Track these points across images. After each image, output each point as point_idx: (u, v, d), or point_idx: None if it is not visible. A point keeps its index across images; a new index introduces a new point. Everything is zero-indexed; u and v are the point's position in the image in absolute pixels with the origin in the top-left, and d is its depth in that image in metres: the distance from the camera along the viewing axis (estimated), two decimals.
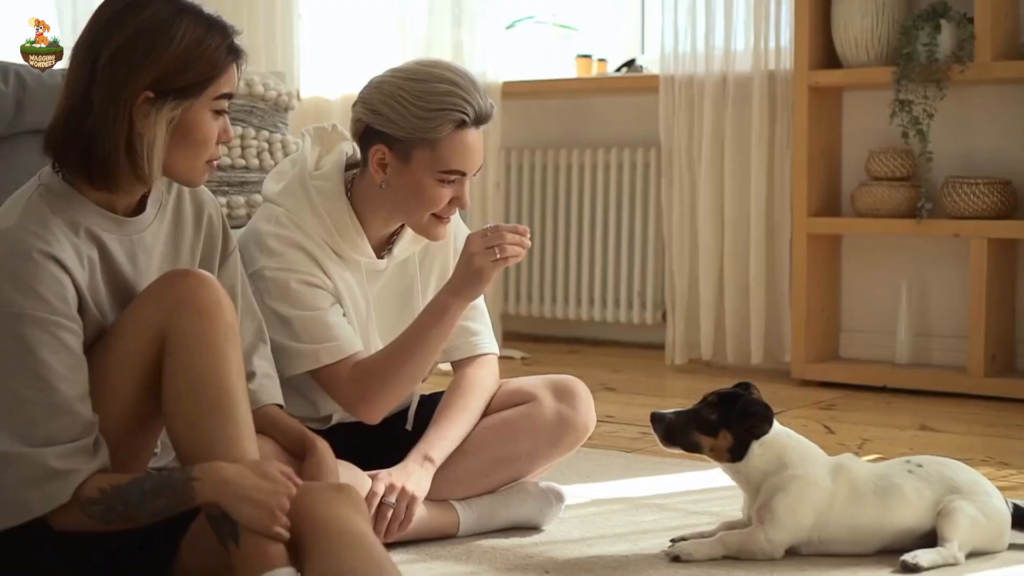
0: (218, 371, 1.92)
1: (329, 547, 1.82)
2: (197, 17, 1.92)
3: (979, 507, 2.30)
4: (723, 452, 2.31)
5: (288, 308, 2.30)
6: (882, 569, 2.23)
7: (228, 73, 1.94)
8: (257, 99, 3.54)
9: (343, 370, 2.31)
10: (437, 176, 2.30)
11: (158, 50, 1.87)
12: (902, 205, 4.21)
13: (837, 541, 2.30)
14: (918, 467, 2.34)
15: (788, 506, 2.27)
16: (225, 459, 1.87)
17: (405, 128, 2.28)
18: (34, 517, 1.84)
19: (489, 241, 2.23)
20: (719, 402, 2.32)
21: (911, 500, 2.30)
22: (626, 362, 4.84)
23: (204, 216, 2.13)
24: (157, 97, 1.88)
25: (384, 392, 2.32)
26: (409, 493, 2.29)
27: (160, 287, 1.96)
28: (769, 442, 2.30)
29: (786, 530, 2.27)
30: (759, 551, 2.27)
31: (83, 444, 1.85)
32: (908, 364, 4.32)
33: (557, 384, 2.49)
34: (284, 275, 2.30)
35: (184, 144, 1.93)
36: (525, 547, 2.36)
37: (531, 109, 5.34)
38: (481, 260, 2.23)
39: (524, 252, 2.25)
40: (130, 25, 1.87)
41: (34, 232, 1.88)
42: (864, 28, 4.22)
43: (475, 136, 2.31)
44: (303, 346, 2.29)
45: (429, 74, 2.30)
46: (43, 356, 1.84)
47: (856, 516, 2.29)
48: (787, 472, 2.28)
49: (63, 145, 1.91)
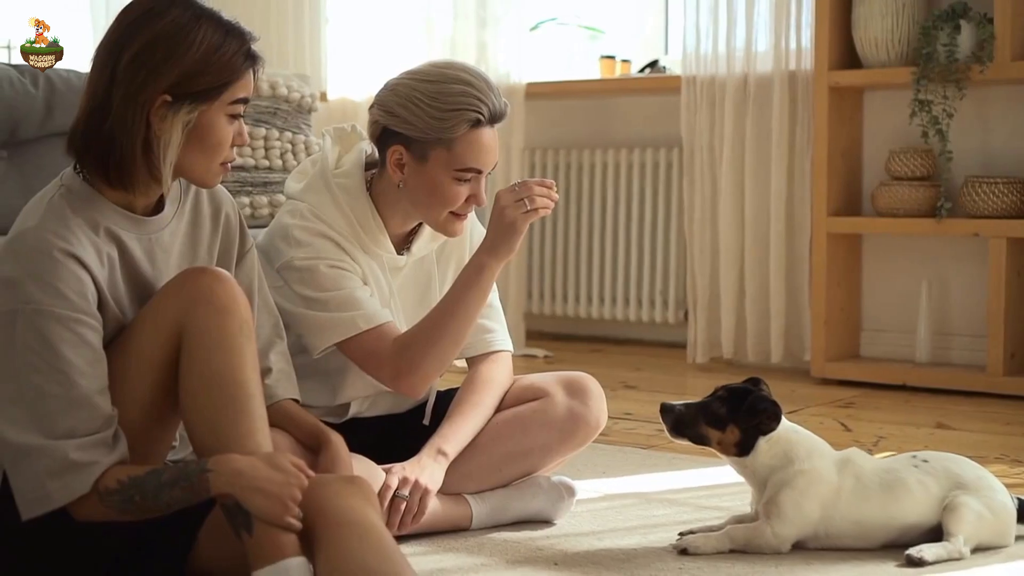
0: (233, 366, 1.97)
1: (340, 538, 1.87)
2: (216, 23, 1.96)
3: (985, 502, 2.32)
4: (730, 446, 2.34)
5: (319, 291, 2.34)
6: (886, 563, 2.26)
7: (244, 79, 1.99)
8: (281, 101, 3.60)
9: (383, 340, 2.34)
10: (454, 175, 2.35)
11: (176, 55, 1.92)
12: (922, 205, 4.23)
13: (843, 535, 2.33)
14: (924, 462, 2.37)
15: (794, 501, 2.30)
16: (239, 452, 1.92)
17: (421, 129, 2.33)
18: (55, 508, 1.89)
19: (519, 194, 2.27)
20: (728, 397, 2.35)
21: (916, 495, 2.33)
22: (648, 360, 4.87)
23: (221, 215, 2.18)
24: (174, 101, 1.93)
25: (426, 362, 2.34)
26: (422, 486, 2.33)
27: (177, 284, 2.01)
28: (776, 438, 2.33)
29: (792, 525, 2.30)
30: (765, 545, 2.31)
31: (102, 437, 1.91)
32: (928, 363, 4.34)
33: (569, 380, 2.53)
34: (314, 262, 2.35)
35: (199, 147, 1.98)
36: (536, 540, 2.41)
37: (554, 110, 5.38)
38: (513, 213, 2.27)
39: (552, 204, 2.29)
40: (150, 30, 1.92)
41: (55, 232, 1.93)
42: (884, 28, 4.24)
43: (490, 135, 2.36)
44: (340, 315, 2.33)
45: (443, 75, 2.34)
46: (64, 351, 1.90)
47: (862, 510, 2.32)
48: (793, 467, 2.32)
49: (83, 146, 1.97)
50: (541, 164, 5.34)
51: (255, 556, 1.87)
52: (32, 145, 3.33)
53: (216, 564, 2.02)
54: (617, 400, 3.97)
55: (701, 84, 4.72)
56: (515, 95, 5.13)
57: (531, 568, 2.24)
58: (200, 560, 2.04)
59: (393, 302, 2.47)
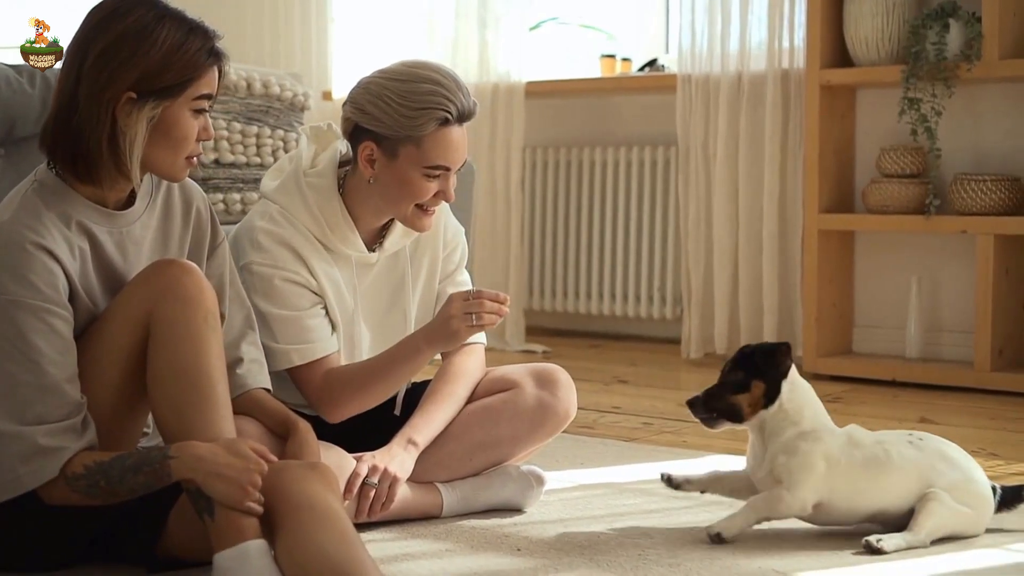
0: (198, 355, 2.04)
1: (299, 521, 1.93)
2: (179, 22, 2.03)
3: (965, 496, 2.37)
4: (759, 400, 2.39)
5: (269, 305, 2.41)
6: (844, 552, 2.31)
7: (208, 75, 2.06)
8: (273, 99, 3.67)
9: (315, 373, 2.44)
10: (423, 172, 2.41)
11: (139, 53, 1.99)
12: (912, 202, 4.27)
13: (837, 506, 2.37)
14: (919, 440, 2.43)
15: (803, 462, 2.35)
16: (202, 438, 1.99)
17: (391, 126, 2.39)
18: (25, 491, 1.97)
19: (469, 307, 2.35)
20: (738, 362, 2.42)
21: (908, 472, 2.37)
22: (644, 356, 4.92)
23: (192, 210, 2.25)
24: (139, 97, 2.00)
25: (350, 403, 2.45)
26: (391, 474, 2.40)
27: (146, 276, 2.08)
28: (793, 383, 2.40)
29: (807, 484, 2.34)
30: (787, 510, 2.36)
31: (71, 423, 1.98)
32: (918, 359, 4.38)
33: (539, 372, 2.59)
34: (270, 271, 2.42)
35: (165, 142, 2.05)
36: (503, 527, 2.46)
37: (553, 108, 5.44)
38: (458, 324, 2.35)
39: (500, 319, 2.36)
40: (114, 29, 2.00)
41: (28, 225, 2.01)
42: (875, 27, 4.27)
43: (459, 133, 2.42)
44: (277, 346, 2.41)
45: (413, 74, 2.41)
46: (35, 341, 1.97)
47: (856, 478, 2.37)
48: (799, 428, 2.37)
49: (53, 142, 2.05)
50: (542, 162, 5.39)
51: (217, 539, 1.94)
52: (28, 143, 3.39)
53: (185, 547, 2.09)
54: (607, 394, 4.02)
55: (696, 83, 4.77)
56: (515, 94, 5.19)
57: (495, 553, 2.30)
58: (170, 543, 2.11)
59: (357, 310, 2.52)
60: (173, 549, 2.11)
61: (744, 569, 2.21)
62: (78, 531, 2.10)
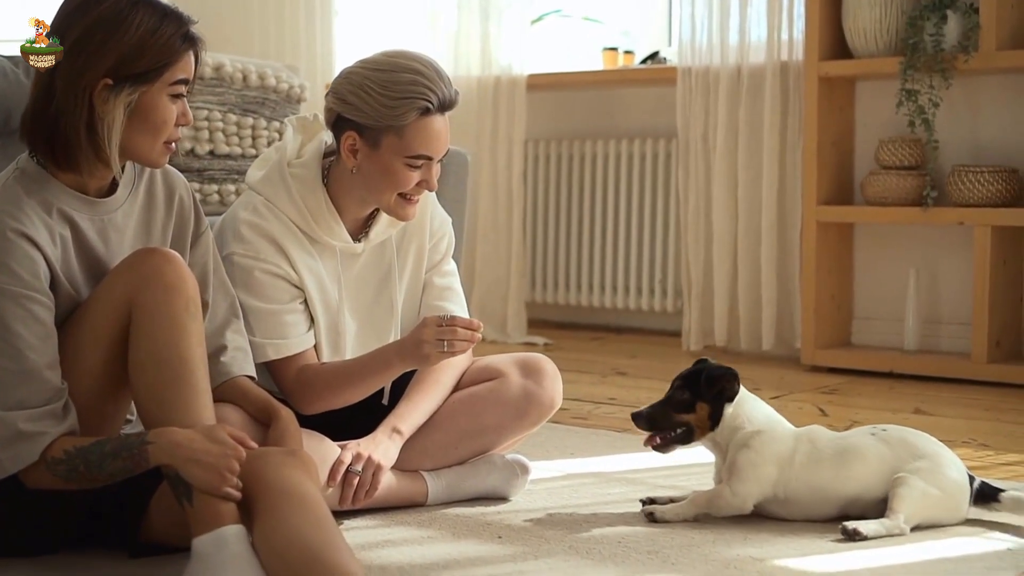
0: (178, 342, 2.06)
1: (276, 507, 1.95)
2: (152, 8, 2.05)
3: (934, 479, 2.37)
4: (705, 422, 2.43)
5: (248, 297, 2.43)
6: (823, 539, 2.31)
7: (183, 60, 2.08)
8: (269, 91, 3.69)
9: (289, 368, 2.45)
10: (405, 161, 2.42)
11: (114, 39, 2.01)
12: (910, 193, 4.27)
13: (799, 500, 2.40)
14: (882, 431, 2.44)
15: (750, 460, 2.39)
16: (181, 424, 2.01)
17: (373, 116, 2.40)
18: (5, 475, 1.99)
19: (441, 334, 2.35)
20: (685, 381, 2.46)
21: (870, 460, 2.39)
22: (644, 348, 4.93)
23: (175, 198, 2.27)
24: (115, 83, 2.02)
25: (320, 402, 2.46)
26: (375, 462, 2.41)
27: (128, 263, 2.10)
28: (739, 401, 2.45)
29: (750, 482, 2.38)
30: (726, 505, 2.40)
31: (51, 409, 2.00)
32: (915, 350, 4.38)
33: (525, 361, 2.61)
34: (251, 263, 2.43)
35: (143, 127, 2.07)
36: (487, 515, 2.48)
37: (554, 101, 5.45)
38: (429, 349, 2.36)
39: (472, 345, 2.37)
40: (88, 16, 2.02)
41: (8, 213, 2.03)
42: (873, 19, 4.27)
43: (440, 122, 2.43)
44: (254, 339, 2.42)
45: (394, 64, 2.41)
46: (15, 327, 1.99)
47: (816, 473, 2.39)
48: (749, 429, 2.41)
49: (32, 130, 2.07)
50: (544, 154, 5.41)
51: (195, 524, 1.96)
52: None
53: (167, 532, 2.11)
54: (605, 386, 4.04)
55: (696, 75, 4.77)
56: (517, 87, 5.20)
57: (476, 541, 2.32)
58: (152, 529, 2.13)
59: (342, 300, 2.53)
60: (155, 534, 2.13)
61: (722, 556, 2.22)
62: (60, 517, 2.12)
